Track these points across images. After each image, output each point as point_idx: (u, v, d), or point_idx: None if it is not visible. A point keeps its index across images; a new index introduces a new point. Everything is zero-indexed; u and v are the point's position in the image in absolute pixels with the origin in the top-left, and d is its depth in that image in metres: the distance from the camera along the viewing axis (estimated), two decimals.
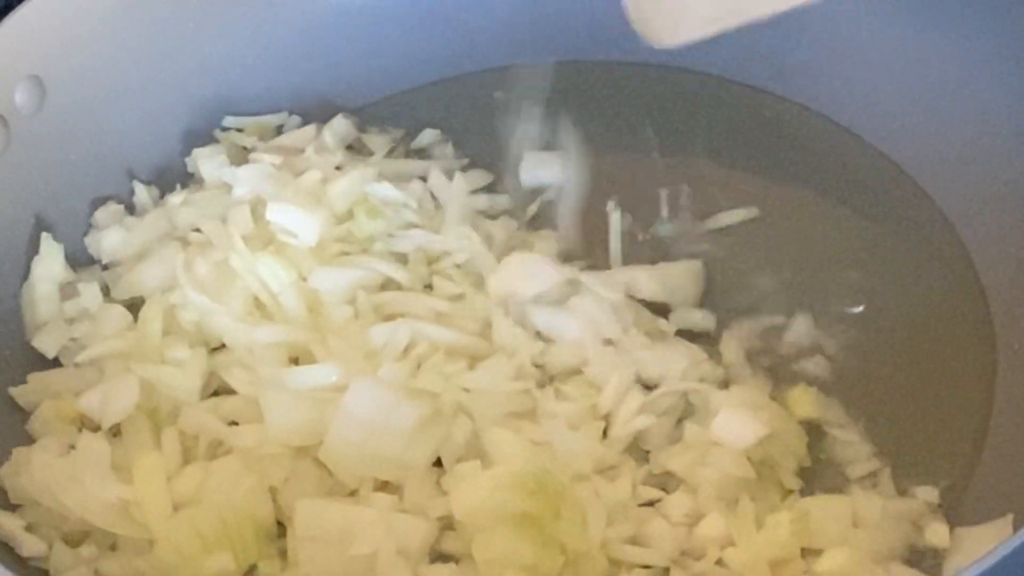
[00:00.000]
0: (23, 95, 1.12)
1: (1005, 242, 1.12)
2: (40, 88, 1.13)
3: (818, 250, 1.16)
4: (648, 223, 1.18)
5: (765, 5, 1.01)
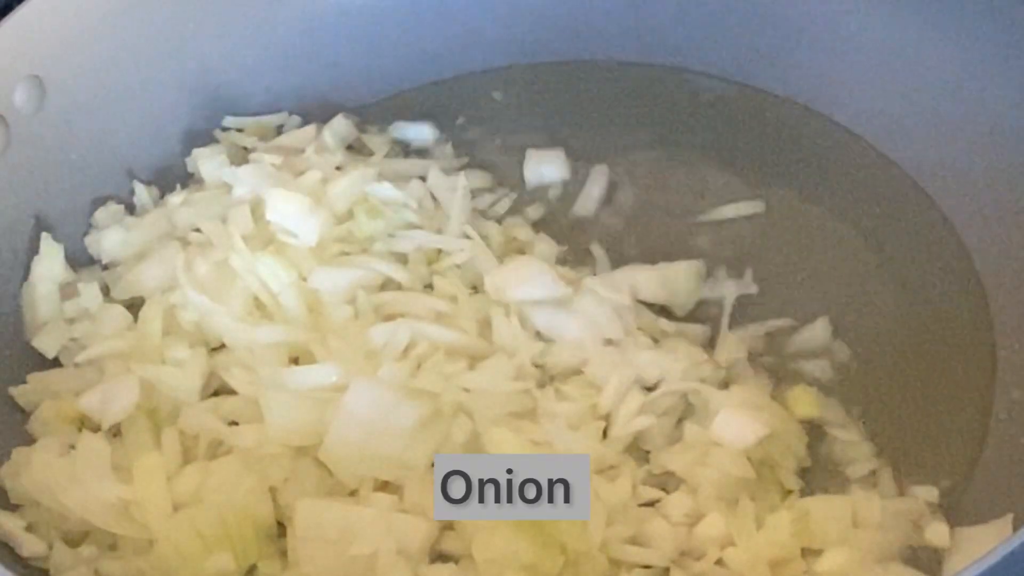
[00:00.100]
0: (23, 95, 1.12)
1: (1005, 242, 1.12)
2: (40, 88, 1.13)
3: (818, 250, 1.16)
4: (648, 223, 1.18)
5: None
